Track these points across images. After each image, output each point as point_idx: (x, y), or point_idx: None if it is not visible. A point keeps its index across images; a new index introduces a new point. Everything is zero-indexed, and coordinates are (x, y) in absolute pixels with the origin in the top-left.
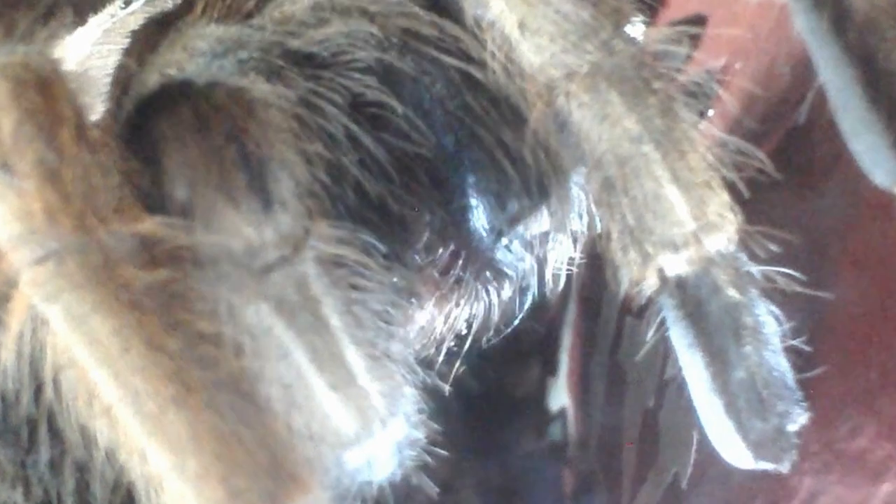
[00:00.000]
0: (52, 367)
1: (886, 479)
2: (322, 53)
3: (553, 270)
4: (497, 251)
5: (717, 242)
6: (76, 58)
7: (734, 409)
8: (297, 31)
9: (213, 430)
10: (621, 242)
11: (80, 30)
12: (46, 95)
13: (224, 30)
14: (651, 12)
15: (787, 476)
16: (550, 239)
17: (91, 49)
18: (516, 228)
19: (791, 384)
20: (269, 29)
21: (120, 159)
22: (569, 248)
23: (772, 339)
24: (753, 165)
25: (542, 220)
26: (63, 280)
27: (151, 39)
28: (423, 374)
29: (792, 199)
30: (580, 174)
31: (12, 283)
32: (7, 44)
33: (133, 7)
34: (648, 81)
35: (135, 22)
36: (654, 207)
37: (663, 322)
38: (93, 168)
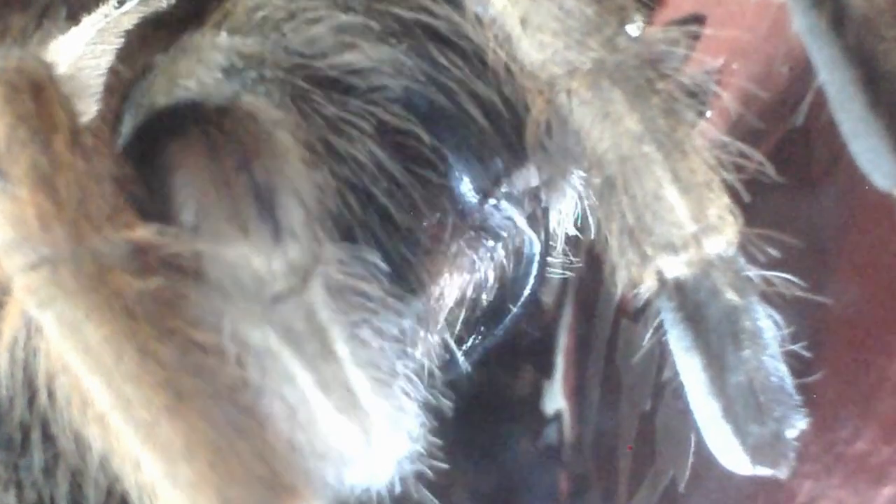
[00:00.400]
0: (46, 374)
1: (887, 482)
2: (349, 80)
3: (557, 225)
4: (485, 212)
5: (716, 245)
6: (69, 58)
7: (732, 413)
8: (323, 54)
9: (206, 438)
10: (620, 243)
11: (74, 29)
12: (40, 100)
13: (243, 42)
14: (649, 12)
15: (786, 480)
16: (542, 196)
17: (84, 49)
18: (501, 186)
19: (790, 389)
20: (292, 49)
21: (114, 166)
22: (571, 199)
23: (771, 344)
24: (752, 167)
25: (531, 174)
26: (56, 287)
27: (145, 43)
28: (425, 390)
29: (790, 201)
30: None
31: (5, 290)
32: (0, 47)
33: (127, 7)
34: (652, 81)
35: (129, 22)
36: (654, 208)
37: (661, 324)
38: (87, 175)
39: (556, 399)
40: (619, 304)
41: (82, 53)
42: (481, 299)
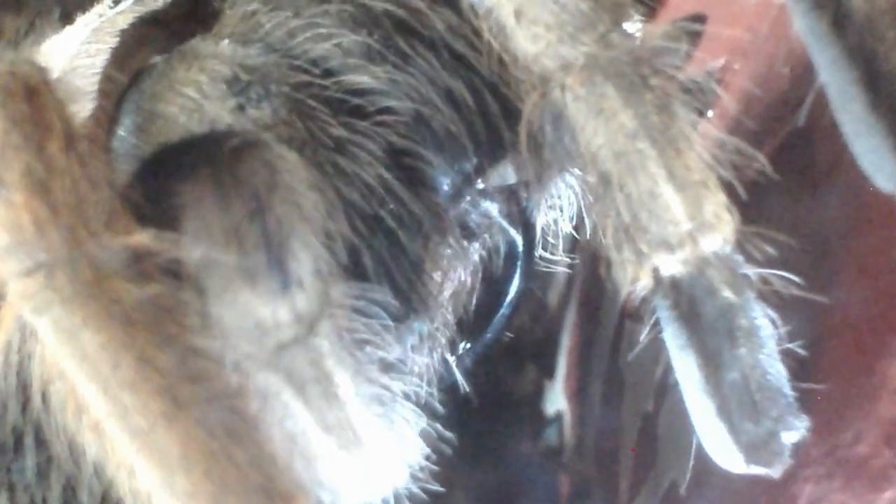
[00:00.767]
0: (41, 379)
1: (888, 486)
2: (357, 101)
3: (545, 222)
4: (460, 210)
5: (712, 243)
6: (63, 57)
7: (726, 412)
8: (330, 72)
9: (203, 447)
10: (616, 240)
11: (68, 28)
12: (34, 104)
13: (246, 53)
14: (650, 12)
15: (788, 483)
16: (521, 194)
17: (79, 48)
18: (476, 183)
19: (786, 389)
20: (299, 66)
21: (111, 171)
22: (568, 197)
23: (767, 343)
24: (752, 166)
25: (506, 172)
26: (52, 292)
27: (142, 42)
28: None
29: (792, 202)
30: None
31: (0, 294)
32: None
33: (122, 6)
34: (645, 77)
35: (124, 21)
36: (650, 205)
37: (658, 322)
38: (83, 179)
39: (557, 399)
40: (623, 306)
41: (77, 53)
42: (466, 303)
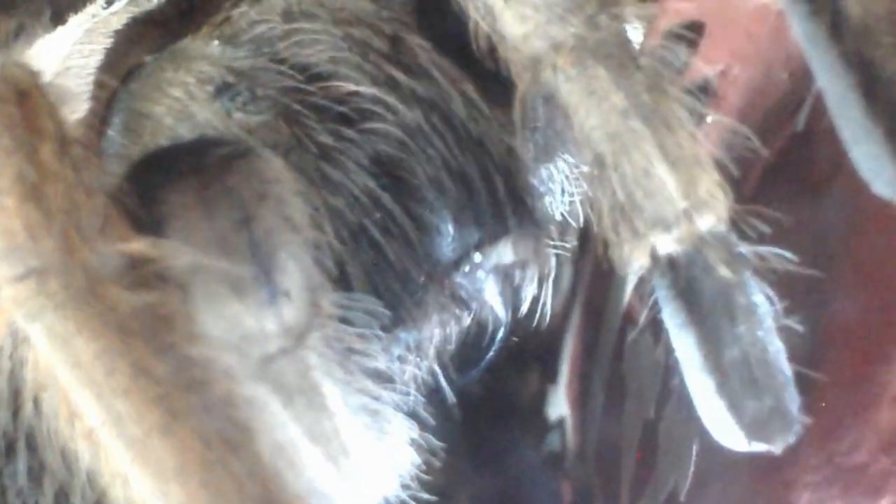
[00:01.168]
0: (33, 385)
1: (886, 493)
2: (343, 109)
3: (524, 305)
4: (456, 277)
5: (708, 221)
6: (55, 58)
7: (727, 389)
8: (316, 77)
9: (199, 457)
10: (612, 220)
11: (60, 29)
12: (26, 109)
13: (234, 55)
14: (647, 19)
15: (786, 490)
16: (515, 273)
17: (72, 49)
18: (474, 257)
19: (785, 365)
20: (284, 70)
21: (105, 177)
22: (541, 290)
23: (765, 319)
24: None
25: (505, 252)
26: (45, 298)
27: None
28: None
29: (791, 207)
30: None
31: None
32: None
33: (115, 7)
34: (634, 57)
35: (118, 22)
36: (645, 185)
37: (656, 302)
38: (76, 185)
39: (559, 405)
40: (626, 312)
41: (70, 53)
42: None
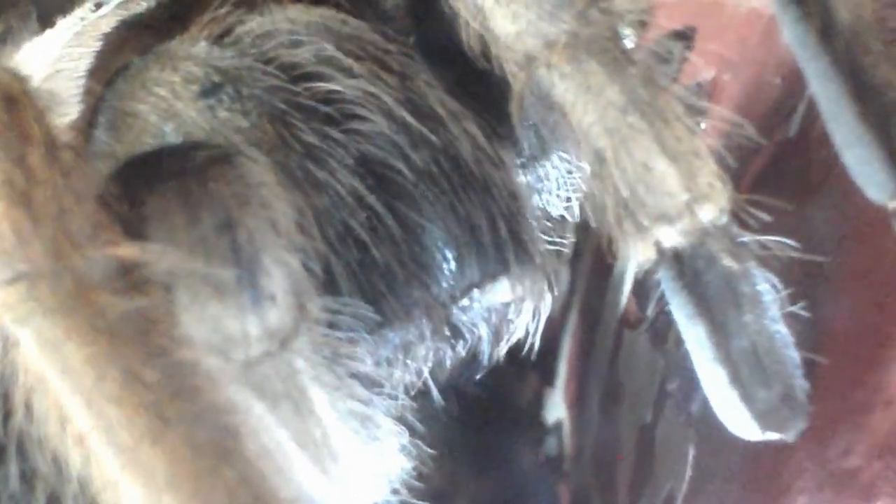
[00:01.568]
0: (24, 390)
1: (878, 497)
2: (328, 109)
3: (508, 342)
4: (455, 312)
5: (709, 212)
6: (44, 61)
7: (738, 379)
8: (302, 78)
9: (190, 465)
10: (616, 216)
11: (49, 32)
12: (13, 114)
13: (220, 55)
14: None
15: (780, 495)
16: (510, 310)
17: (61, 52)
18: (473, 294)
19: (792, 351)
20: (270, 71)
21: (94, 182)
22: (530, 322)
23: (771, 307)
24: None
25: (503, 291)
26: (35, 303)
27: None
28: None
29: (783, 212)
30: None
31: None
32: None
33: (104, 10)
34: (627, 52)
35: (107, 25)
36: (646, 179)
37: (663, 296)
38: (65, 190)
39: (557, 408)
40: (623, 315)
41: (59, 56)
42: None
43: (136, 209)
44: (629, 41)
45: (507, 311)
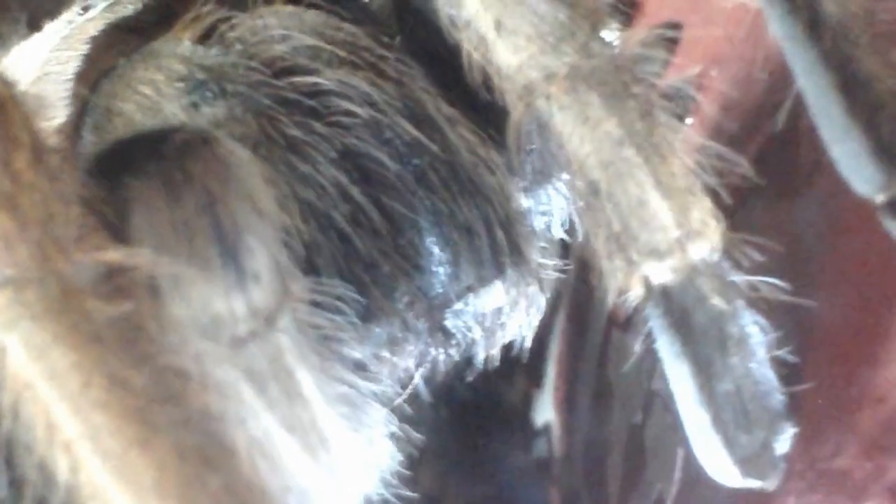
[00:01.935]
0: (11, 395)
1: (869, 498)
2: (311, 102)
3: (500, 344)
4: (448, 316)
5: (701, 250)
6: (32, 65)
7: (721, 423)
8: (285, 72)
9: (177, 472)
10: (607, 249)
11: (37, 36)
12: (0, 118)
13: (205, 54)
14: (627, 19)
15: (771, 496)
16: (503, 314)
17: (49, 55)
18: (468, 298)
19: (777, 397)
20: (254, 66)
21: (81, 186)
22: (523, 323)
23: (758, 350)
24: (735, 171)
25: (497, 295)
26: (21, 308)
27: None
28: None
29: (771, 206)
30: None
31: None
32: None
33: (92, 13)
34: (627, 85)
35: (94, 28)
36: (639, 213)
37: (651, 332)
38: (52, 195)
39: (546, 410)
40: (611, 315)
41: (47, 60)
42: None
43: (118, 193)
44: (615, 37)
45: (500, 314)
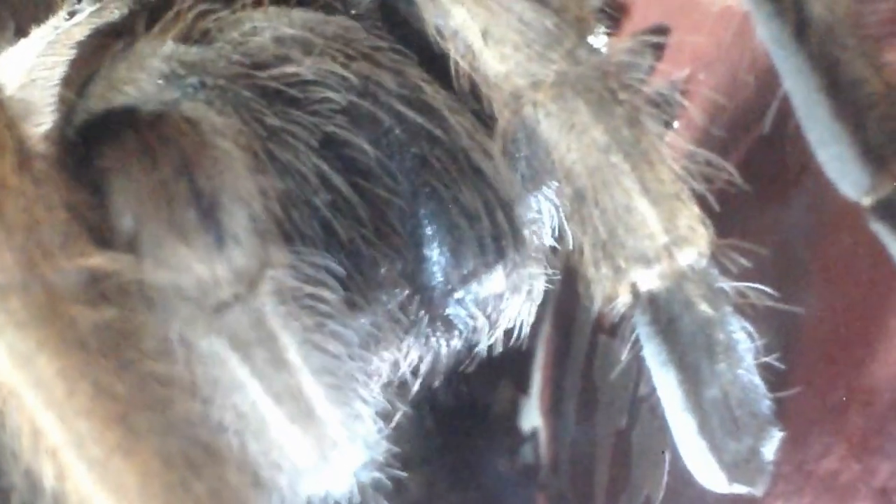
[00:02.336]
0: None
1: (856, 500)
2: (291, 91)
3: (503, 329)
4: (449, 305)
5: (688, 256)
6: (19, 71)
7: (708, 429)
8: (265, 64)
9: (162, 478)
10: (594, 257)
11: (23, 41)
12: None
13: (185, 51)
14: (614, 23)
15: (759, 498)
16: (504, 299)
17: (35, 61)
18: (470, 285)
19: (764, 403)
20: (234, 59)
21: (66, 191)
22: (523, 308)
23: (745, 356)
24: (722, 177)
25: (498, 280)
26: (6, 315)
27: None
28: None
29: (759, 209)
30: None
31: None
32: None
33: (78, 18)
34: (614, 92)
35: (80, 33)
36: (626, 220)
37: (638, 339)
38: (36, 200)
39: (532, 416)
40: (597, 320)
41: (34, 66)
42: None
43: (96, 162)
44: (601, 42)
45: (501, 299)
